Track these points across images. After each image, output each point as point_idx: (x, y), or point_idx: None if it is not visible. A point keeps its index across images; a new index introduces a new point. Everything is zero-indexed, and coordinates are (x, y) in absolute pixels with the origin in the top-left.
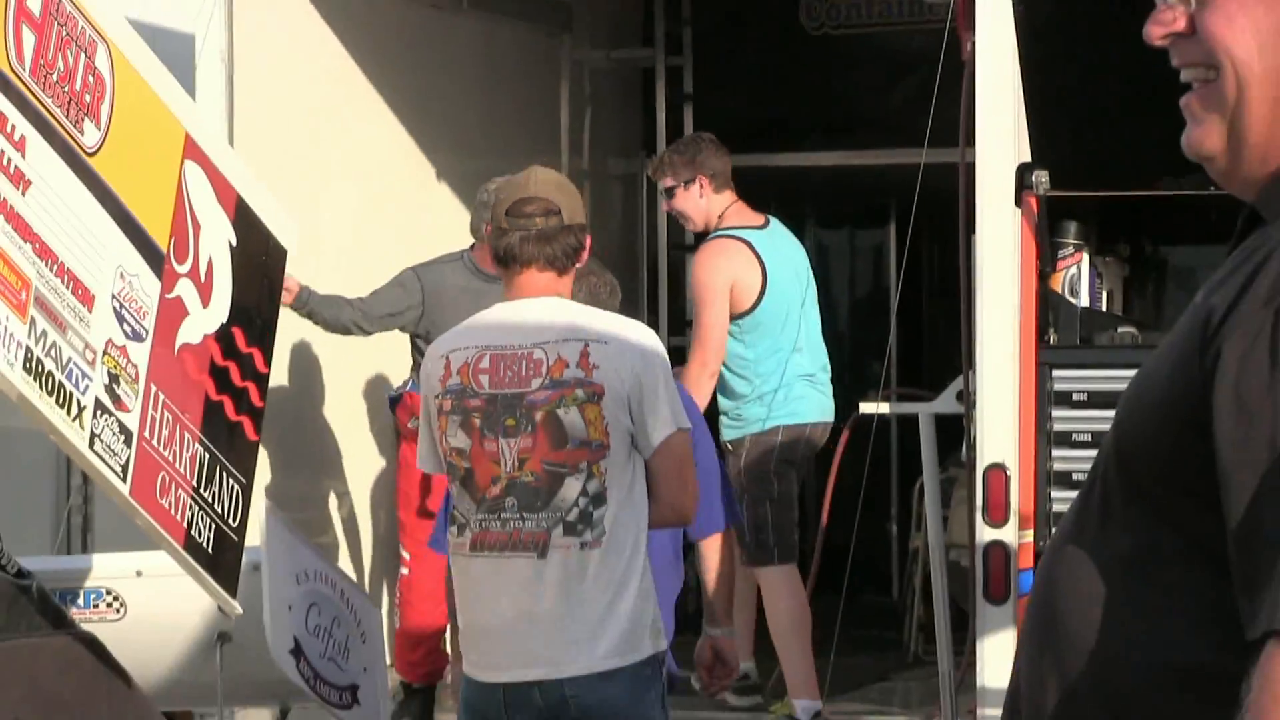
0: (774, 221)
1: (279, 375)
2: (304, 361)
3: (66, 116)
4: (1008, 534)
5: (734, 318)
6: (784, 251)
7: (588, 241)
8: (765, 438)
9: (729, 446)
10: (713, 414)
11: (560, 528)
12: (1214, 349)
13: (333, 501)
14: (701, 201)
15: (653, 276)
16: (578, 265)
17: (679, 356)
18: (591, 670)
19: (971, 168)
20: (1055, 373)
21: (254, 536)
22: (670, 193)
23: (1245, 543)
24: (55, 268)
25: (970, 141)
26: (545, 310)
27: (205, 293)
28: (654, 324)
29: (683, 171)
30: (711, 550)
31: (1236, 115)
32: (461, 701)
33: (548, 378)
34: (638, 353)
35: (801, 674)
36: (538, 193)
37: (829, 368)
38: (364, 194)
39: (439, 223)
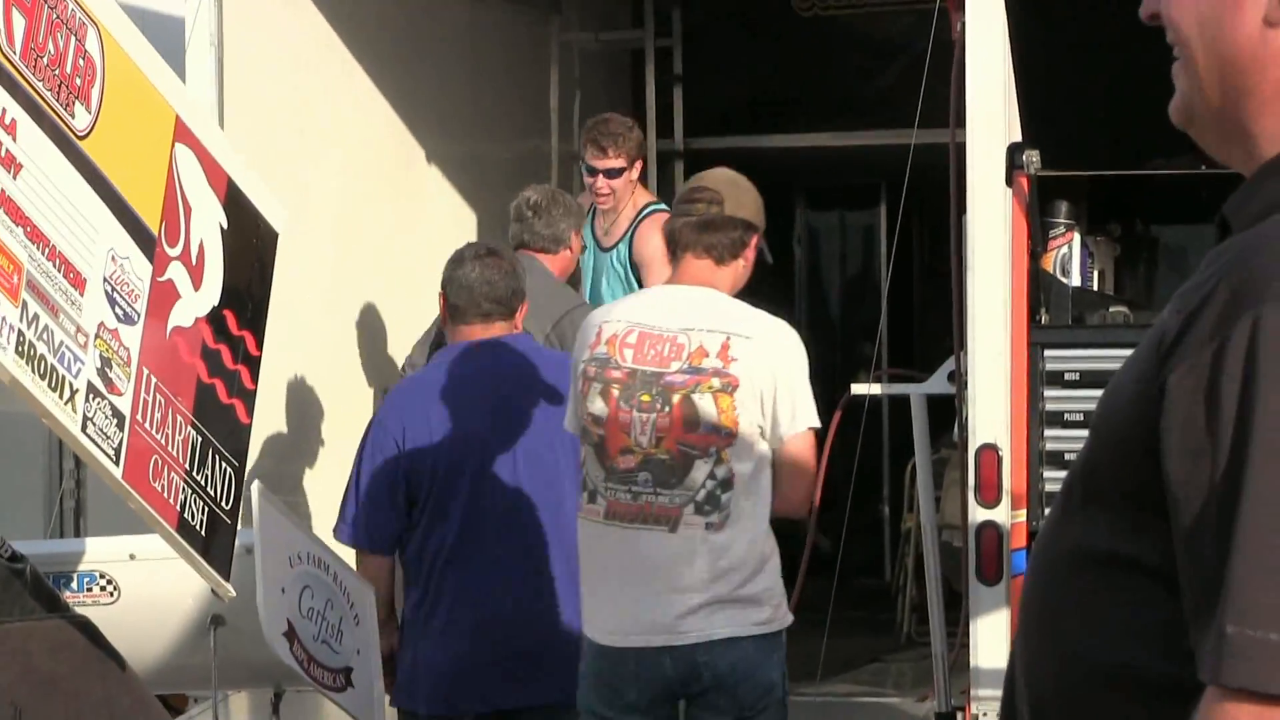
0: None
1: (272, 358)
2: (298, 344)
3: (57, 100)
4: (1000, 514)
5: None
6: None
7: (754, 239)
8: None
9: None
10: None
11: (691, 506)
12: (1162, 376)
13: (326, 485)
14: (630, 185)
15: None
16: (742, 260)
17: None
18: (714, 638)
19: (962, 148)
20: (1047, 352)
21: (246, 519)
22: (615, 173)
23: (1188, 580)
24: (47, 251)
25: (960, 122)
26: (698, 298)
27: (197, 275)
28: None
29: (633, 154)
30: None
31: (1192, 88)
32: (588, 672)
33: (687, 363)
34: (777, 351)
35: None
36: (707, 184)
37: None
38: (353, 177)
39: (428, 206)
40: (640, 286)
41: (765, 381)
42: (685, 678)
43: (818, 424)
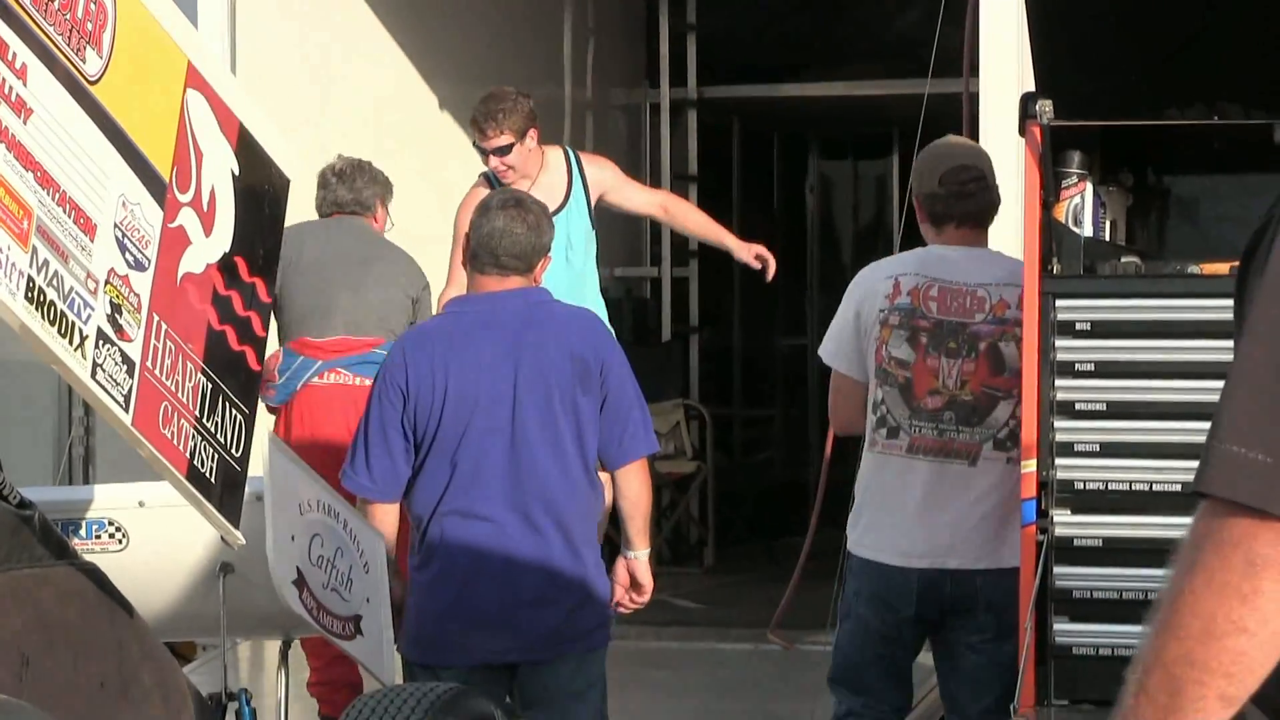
0: None
1: None
2: None
3: (68, 44)
4: None
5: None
6: None
7: (1000, 197)
8: None
9: None
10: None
11: (991, 443)
12: None
13: None
14: (529, 154)
15: None
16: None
17: (681, 287)
18: (1000, 565)
19: (975, 97)
20: (1059, 302)
21: (256, 467)
22: (504, 150)
23: None
24: (57, 196)
25: (974, 71)
26: (986, 258)
27: (208, 222)
28: (657, 254)
29: (518, 126)
30: (630, 477)
31: None
32: (863, 590)
33: (991, 314)
34: None
35: None
36: (967, 162)
37: None
38: (365, 122)
39: (441, 151)
40: (591, 220)
41: None
42: (959, 597)
43: None
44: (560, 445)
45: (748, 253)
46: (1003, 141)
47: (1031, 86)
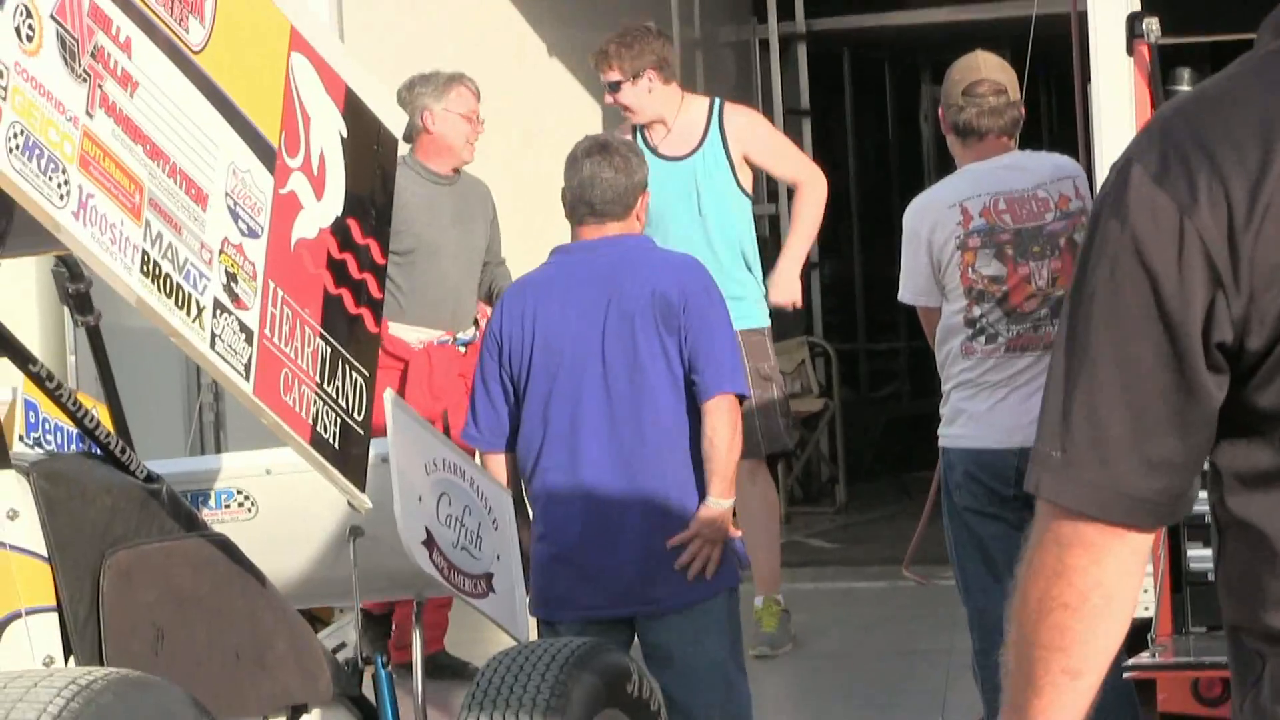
0: None
1: None
2: None
3: (170, 15)
4: None
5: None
6: None
7: (1023, 113)
8: (763, 333)
9: (767, 333)
10: None
11: None
12: None
13: None
14: (649, 95)
15: None
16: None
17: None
18: None
19: (1083, 17)
20: None
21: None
22: (614, 87)
23: None
24: (167, 168)
25: None
26: (1026, 160)
27: (319, 186)
28: (774, 190)
29: (632, 66)
30: (710, 415)
31: None
32: (963, 479)
33: (1057, 211)
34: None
35: (766, 569)
36: (987, 75)
37: None
38: (472, 69)
39: (554, 100)
40: (736, 178)
41: None
42: None
43: None
44: (651, 393)
45: (774, 287)
46: (1113, 60)
47: (1138, 5)
